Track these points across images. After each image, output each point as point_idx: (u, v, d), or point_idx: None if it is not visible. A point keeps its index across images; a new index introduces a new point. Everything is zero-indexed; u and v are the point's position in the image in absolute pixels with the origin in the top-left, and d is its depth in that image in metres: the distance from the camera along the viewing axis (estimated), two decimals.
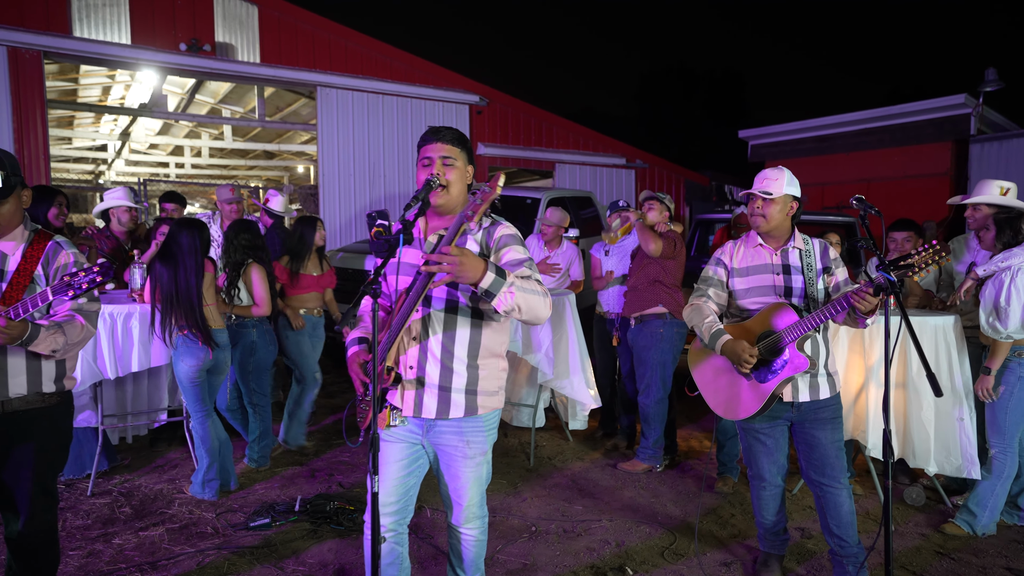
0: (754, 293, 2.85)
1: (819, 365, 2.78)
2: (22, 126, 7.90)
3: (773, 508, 3.00)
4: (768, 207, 2.80)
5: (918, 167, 10.50)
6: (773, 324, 2.73)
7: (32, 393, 2.21)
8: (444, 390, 2.17)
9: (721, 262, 2.96)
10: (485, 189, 1.96)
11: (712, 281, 2.95)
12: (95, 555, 3.16)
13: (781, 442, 2.93)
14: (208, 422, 3.84)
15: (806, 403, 2.79)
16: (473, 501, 2.29)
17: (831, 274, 2.82)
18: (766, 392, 2.74)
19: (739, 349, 2.73)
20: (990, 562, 3.18)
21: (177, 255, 3.70)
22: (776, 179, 2.82)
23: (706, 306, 2.91)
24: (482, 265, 1.93)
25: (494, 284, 1.93)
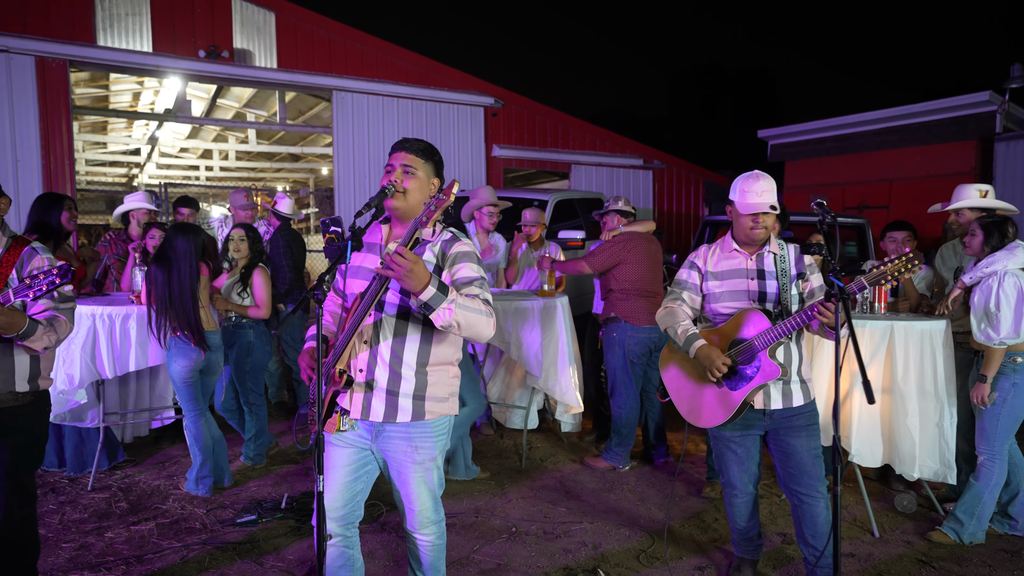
0: (727, 297, 2.82)
1: (792, 372, 2.75)
2: (48, 132, 8.19)
3: (745, 515, 2.98)
4: (768, 219, 2.78)
5: (942, 166, 10.22)
6: (745, 330, 2.70)
7: (6, 392, 2.32)
8: (392, 394, 2.19)
9: (695, 265, 2.94)
10: (440, 197, 1.99)
11: (686, 284, 2.94)
12: (86, 548, 3.28)
13: (753, 451, 2.90)
14: (201, 421, 3.95)
15: (779, 411, 2.76)
16: (425, 506, 2.29)
17: (805, 280, 2.79)
18: (736, 400, 2.71)
19: (713, 356, 2.71)
20: (972, 571, 3.11)
21: (172, 259, 3.81)
22: (773, 190, 2.80)
23: (680, 309, 2.89)
24: (427, 278, 1.97)
25: (434, 298, 1.98)
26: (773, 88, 37.50)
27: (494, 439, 5.10)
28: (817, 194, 8.63)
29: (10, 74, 7.87)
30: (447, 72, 11.25)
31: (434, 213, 1.96)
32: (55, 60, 8.15)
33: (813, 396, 2.83)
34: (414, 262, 1.93)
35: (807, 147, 11.98)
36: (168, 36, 9.06)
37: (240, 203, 5.68)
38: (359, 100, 10.37)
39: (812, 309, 2.49)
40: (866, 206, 10.85)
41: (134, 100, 13.38)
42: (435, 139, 11.09)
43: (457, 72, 11.39)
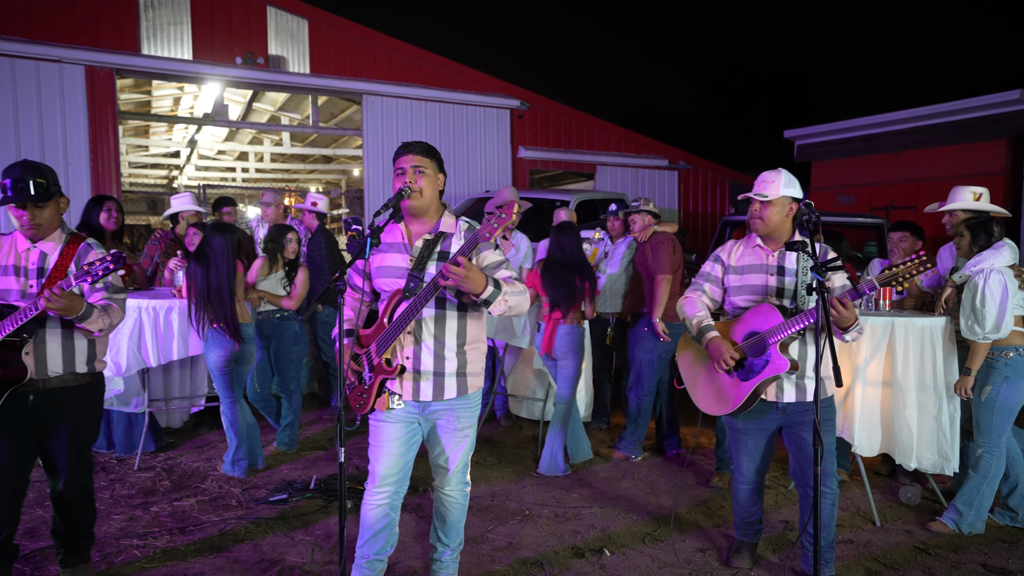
0: (746, 291, 2.92)
1: (807, 367, 2.80)
2: (97, 137, 8.65)
3: (749, 502, 3.10)
4: (765, 210, 2.83)
5: (971, 166, 10.11)
6: (758, 324, 2.78)
7: (67, 373, 2.60)
8: (439, 375, 2.48)
9: (719, 259, 3.04)
10: (502, 216, 2.22)
11: (708, 277, 3.05)
12: (134, 520, 3.58)
13: (762, 444, 2.98)
14: (236, 407, 4.23)
15: (791, 404, 2.83)
16: (459, 468, 2.63)
17: (827, 279, 2.79)
18: (746, 391, 2.80)
19: (723, 348, 2.83)
20: (967, 558, 3.22)
21: (210, 256, 4.10)
22: (773, 181, 2.84)
23: (699, 300, 3.01)
24: (484, 280, 2.27)
25: (492, 295, 2.30)
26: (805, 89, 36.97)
27: (512, 430, 5.30)
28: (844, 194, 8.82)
29: (62, 83, 8.34)
30: (474, 75, 11.49)
31: (496, 231, 2.20)
32: (103, 69, 8.60)
33: (830, 393, 2.86)
34: (470, 270, 2.21)
35: (833, 147, 11.94)
36: (207, 44, 9.47)
37: (266, 200, 6.01)
38: (388, 104, 10.68)
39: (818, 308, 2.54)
40: (893, 206, 10.78)
41: (174, 105, 13.91)
42: (462, 141, 11.34)
43: (484, 75, 11.63)
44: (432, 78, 11.07)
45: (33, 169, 2.49)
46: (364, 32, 10.65)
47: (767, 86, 35.77)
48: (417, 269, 2.43)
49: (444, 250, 2.47)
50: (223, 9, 9.53)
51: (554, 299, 4.31)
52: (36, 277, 2.53)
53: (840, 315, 2.54)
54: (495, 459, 4.62)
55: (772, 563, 3.19)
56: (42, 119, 8.29)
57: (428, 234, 2.50)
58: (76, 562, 2.81)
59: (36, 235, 2.56)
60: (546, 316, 4.38)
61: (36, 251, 2.57)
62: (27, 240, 2.57)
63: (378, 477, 2.55)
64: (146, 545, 3.28)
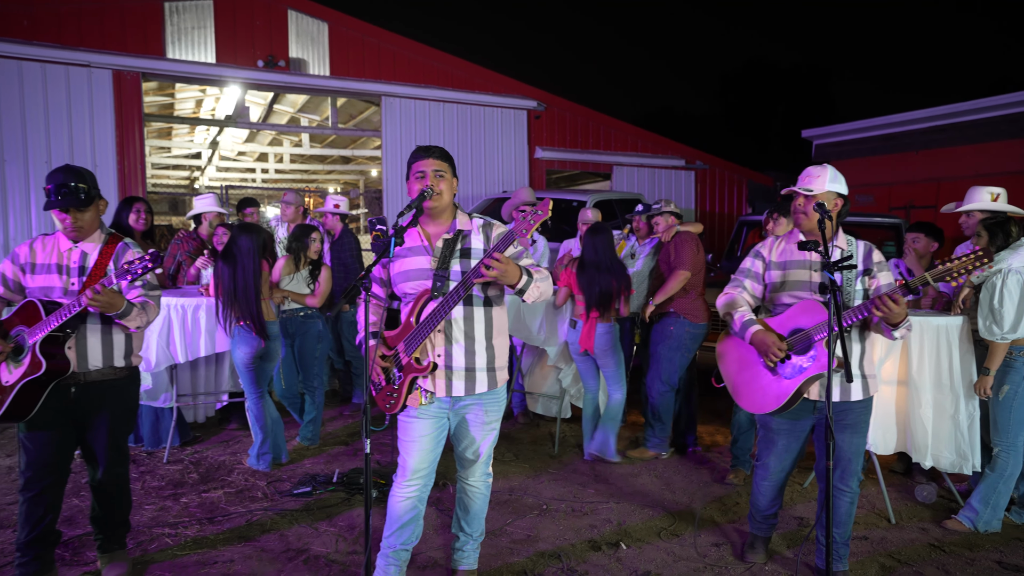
0: (789, 287, 2.85)
1: (851, 365, 2.73)
2: (123, 139, 8.85)
3: (769, 497, 3.10)
4: (810, 204, 2.77)
5: (993, 165, 10.02)
6: (803, 320, 2.73)
7: (106, 367, 2.72)
8: (470, 370, 2.57)
9: (760, 254, 2.99)
10: (538, 212, 2.33)
11: (749, 273, 2.99)
12: (165, 510, 3.71)
13: (794, 445, 2.94)
14: (262, 403, 4.35)
15: (834, 403, 2.73)
16: (485, 460, 2.74)
17: (872, 276, 2.77)
18: (790, 389, 2.73)
19: (768, 341, 2.75)
20: (982, 556, 3.24)
21: (237, 256, 4.22)
22: (819, 176, 2.79)
23: (740, 296, 2.96)
24: (519, 271, 2.42)
25: (526, 284, 2.45)
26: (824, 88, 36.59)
27: (529, 427, 5.38)
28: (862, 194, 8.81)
29: (91, 86, 8.55)
30: (491, 76, 11.58)
31: (532, 227, 2.31)
32: (130, 72, 8.80)
33: (872, 393, 2.83)
34: (508, 264, 2.36)
35: (852, 147, 11.88)
36: (230, 47, 9.64)
37: (287, 199, 6.15)
38: (407, 105, 10.79)
39: (871, 303, 2.54)
40: (913, 206, 10.71)
41: (196, 107, 14.15)
42: (479, 142, 11.44)
43: (501, 76, 11.71)
44: (450, 79, 11.17)
45: (75, 174, 2.61)
46: (383, 35, 10.78)
47: (785, 85, 35.48)
48: (442, 268, 2.51)
49: (465, 247, 2.55)
50: (245, 13, 9.70)
51: (590, 299, 4.37)
52: (77, 275, 2.65)
53: (891, 311, 2.50)
54: (513, 455, 4.70)
55: (787, 558, 3.23)
56: (71, 122, 8.50)
57: (447, 234, 2.59)
58: (113, 548, 2.93)
59: (78, 236, 2.68)
60: (583, 315, 4.44)
61: (77, 250, 2.69)
62: (69, 240, 2.69)
63: (408, 471, 2.63)
64: (177, 534, 3.40)
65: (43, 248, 2.69)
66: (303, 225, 4.95)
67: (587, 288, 4.40)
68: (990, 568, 3.13)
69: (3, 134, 8.18)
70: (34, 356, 2.49)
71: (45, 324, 2.50)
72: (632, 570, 3.11)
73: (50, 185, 2.59)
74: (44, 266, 2.66)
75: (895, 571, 3.12)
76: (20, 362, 2.53)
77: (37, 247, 2.69)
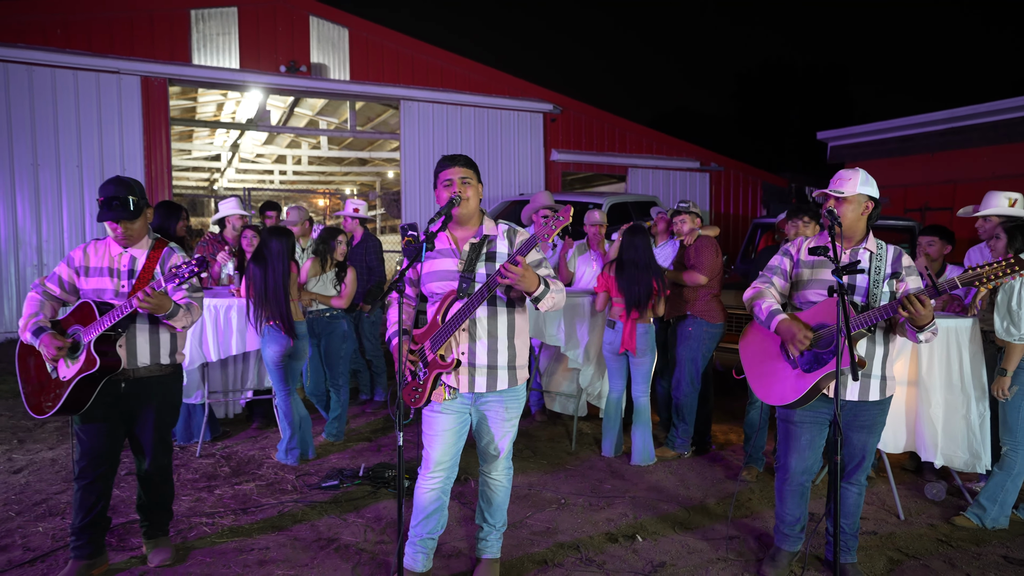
0: (815, 285, 2.88)
1: (873, 366, 2.80)
2: (150, 143, 9.11)
3: (792, 503, 3.04)
4: (841, 206, 2.82)
5: (1009, 167, 10.02)
6: (828, 318, 2.76)
7: (153, 363, 2.90)
8: (492, 368, 2.72)
9: (789, 252, 3.04)
10: (560, 218, 2.45)
11: (776, 270, 3.03)
12: (201, 500, 3.89)
13: (816, 441, 2.93)
14: (290, 399, 4.52)
15: (851, 402, 2.80)
16: (506, 455, 2.89)
17: (900, 279, 2.81)
18: (809, 382, 2.76)
19: (795, 328, 2.76)
20: (989, 551, 3.34)
21: (267, 258, 4.40)
22: (850, 179, 2.84)
23: (768, 291, 2.99)
24: (537, 279, 2.56)
25: (542, 293, 2.59)
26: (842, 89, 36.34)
27: (547, 424, 5.52)
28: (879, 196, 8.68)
29: (120, 92, 8.81)
30: (508, 80, 11.74)
31: (554, 231, 2.45)
32: (157, 79, 9.06)
33: (891, 394, 2.88)
34: (527, 269, 2.49)
35: (867, 148, 11.90)
36: (253, 53, 9.88)
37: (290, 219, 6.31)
38: (425, 109, 10.98)
39: (898, 302, 2.57)
40: (928, 207, 10.72)
41: (218, 110, 14.44)
42: (496, 144, 11.61)
43: (517, 80, 11.87)
44: (467, 83, 11.34)
45: (126, 187, 2.78)
46: (402, 39, 10.97)
47: (801, 86, 35.31)
48: (468, 271, 2.66)
49: (491, 251, 2.70)
50: (268, 19, 9.93)
51: (632, 299, 4.44)
52: (127, 278, 2.83)
53: (918, 313, 2.53)
54: (531, 452, 4.85)
55: (801, 552, 3.34)
56: (101, 127, 8.77)
57: (473, 238, 2.74)
58: (157, 534, 3.11)
59: (127, 243, 2.86)
60: (623, 316, 4.52)
61: (127, 255, 2.87)
62: (119, 246, 2.87)
63: (432, 463, 2.79)
64: (214, 523, 3.58)
65: (95, 252, 2.87)
66: (329, 228, 5.12)
67: (628, 288, 4.46)
68: (996, 562, 3.23)
69: (37, 139, 8.46)
70: (89, 353, 2.68)
71: (99, 324, 2.68)
72: (648, 561, 3.24)
73: (102, 197, 2.76)
74: (97, 269, 2.84)
75: (902, 564, 3.23)
76: (76, 359, 2.72)
77: (90, 251, 2.88)
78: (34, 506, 3.75)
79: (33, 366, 2.83)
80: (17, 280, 8.43)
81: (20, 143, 8.37)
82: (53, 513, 3.65)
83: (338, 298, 4.88)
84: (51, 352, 2.69)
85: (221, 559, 3.16)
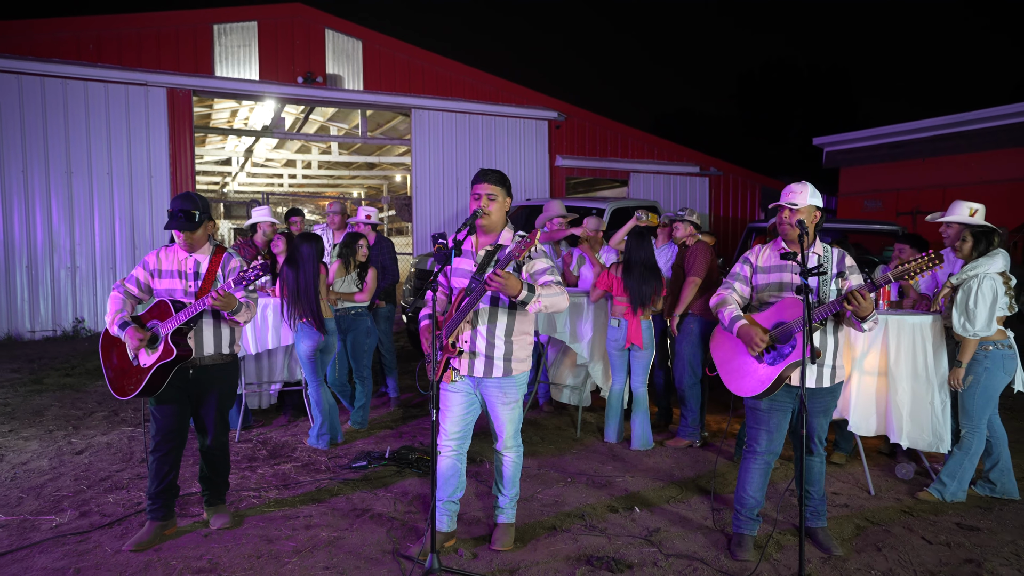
0: (773, 288, 3.30)
1: (827, 356, 3.21)
2: (176, 151, 9.60)
3: (755, 483, 3.36)
4: (795, 216, 3.21)
5: (996, 172, 10.45)
6: (785, 315, 3.15)
7: (216, 353, 3.37)
8: (489, 358, 3.16)
9: (748, 260, 3.44)
10: (528, 240, 2.86)
11: (738, 276, 3.44)
12: (245, 479, 4.35)
13: (781, 424, 3.36)
14: (321, 389, 4.99)
15: (808, 389, 3.18)
16: (509, 433, 3.30)
17: (845, 278, 3.21)
18: (774, 374, 3.14)
19: (752, 333, 3.19)
20: (945, 519, 3.78)
21: (299, 261, 4.86)
22: (800, 192, 3.23)
23: (730, 296, 3.39)
24: (519, 285, 2.94)
25: (527, 297, 2.98)
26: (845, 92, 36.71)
27: (553, 414, 5.98)
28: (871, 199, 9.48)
29: (147, 104, 9.30)
30: (515, 89, 12.21)
31: (523, 251, 2.86)
32: (182, 90, 9.55)
33: (839, 381, 3.30)
34: (507, 278, 2.89)
35: (861, 154, 12.34)
36: (272, 64, 10.37)
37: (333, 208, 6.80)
38: (435, 117, 11.45)
39: (843, 297, 3.02)
40: (919, 211, 11.15)
41: (231, 117, 14.94)
42: (503, 150, 12.08)
43: (523, 88, 12.34)
44: (476, 92, 11.81)
45: (192, 202, 3.25)
46: (413, 51, 11.45)
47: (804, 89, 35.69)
48: (478, 273, 3.12)
49: (500, 258, 3.15)
50: (286, 32, 10.42)
51: (638, 297, 4.90)
52: (193, 279, 3.30)
53: (860, 305, 2.96)
54: (539, 438, 5.30)
55: (773, 518, 3.79)
56: (130, 137, 9.26)
57: (489, 245, 3.19)
58: (217, 502, 3.58)
59: (191, 249, 3.33)
60: (628, 313, 4.97)
61: (192, 259, 3.34)
62: (185, 251, 3.34)
63: (445, 433, 3.26)
64: (260, 496, 4.04)
65: (166, 257, 3.34)
66: (352, 233, 5.59)
67: (636, 288, 4.91)
68: (949, 528, 3.68)
69: (70, 149, 8.95)
70: (167, 344, 3.14)
71: (175, 319, 3.15)
72: (644, 527, 3.69)
73: (172, 209, 3.24)
74: (168, 271, 3.31)
75: (867, 530, 3.67)
76: (155, 349, 3.18)
77: (162, 256, 3.35)
78: (100, 481, 4.22)
79: (115, 355, 3.30)
80: (52, 282, 8.92)
81: (55, 153, 8.86)
82: (118, 487, 4.12)
83: (361, 293, 5.35)
84: (134, 343, 3.15)
85: (272, 523, 3.62)
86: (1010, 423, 5.42)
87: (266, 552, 3.29)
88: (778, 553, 3.38)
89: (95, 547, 3.32)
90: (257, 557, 3.24)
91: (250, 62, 10.21)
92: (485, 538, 3.51)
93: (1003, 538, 3.57)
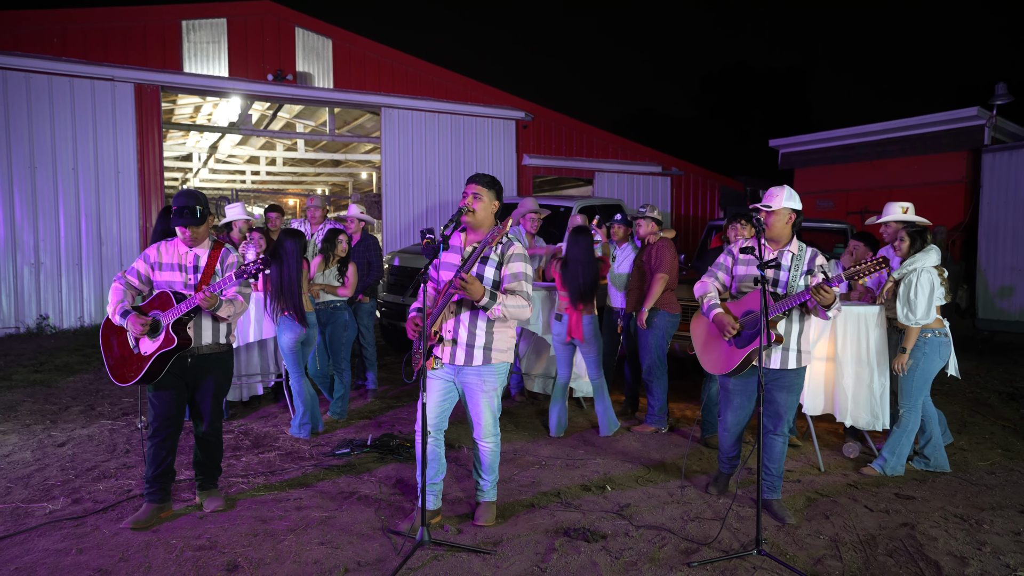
0: (748, 280, 3.69)
1: (791, 341, 3.59)
2: (143, 147, 9.54)
3: (729, 444, 3.99)
4: (770, 217, 3.59)
5: (936, 175, 11.11)
6: (755, 305, 3.50)
7: (213, 342, 3.53)
8: (469, 347, 3.38)
9: (731, 252, 3.81)
10: (497, 230, 3.14)
11: (720, 267, 3.84)
12: (231, 466, 4.49)
13: (746, 403, 3.80)
14: (302, 380, 5.15)
15: (774, 370, 3.61)
16: (488, 422, 3.50)
17: (814, 275, 3.58)
18: (741, 356, 3.57)
19: (725, 321, 3.61)
20: (885, 490, 4.17)
21: (283, 256, 5.01)
22: (777, 195, 3.59)
23: (711, 284, 3.83)
24: (482, 290, 3.18)
25: (487, 303, 3.21)
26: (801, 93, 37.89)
27: (526, 404, 6.24)
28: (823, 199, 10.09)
29: (114, 99, 9.24)
30: (483, 89, 12.43)
31: (491, 242, 3.13)
32: (150, 86, 9.50)
33: (805, 364, 3.67)
34: (471, 283, 3.12)
35: (815, 155, 12.94)
36: (241, 61, 10.37)
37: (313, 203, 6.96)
38: (404, 116, 11.60)
39: (809, 290, 3.37)
40: (867, 211, 11.77)
41: (194, 112, 14.79)
42: (472, 149, 12.29)
43: (492, 89, 12.58)
44: (445, 92, 12.00)
45: (195, 199, 3.41)
46: (383, 50, 11.57)
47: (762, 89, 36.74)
48: (462, 268, 3.35)
49: (484, 255, 3.38)
50: (256, 30, 10.43)
51: (576, 293, 5.11)
52: (193, 272, 3.45)
53: (825, 297, 3.35)
54: (513, 426, 5.55)
55: (735, 494, 4.12)
56: (96, 132, 9.18)
57: (476, 243, 3.42)
58: (209, 486, 3.73)
59: (193, 244, 3.48)
60: (568, 308, 5.21)
61: (192, 253, 3.49)
62: (186, 246, 3.49)
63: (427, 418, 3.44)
64: (248, 482, 4.19)
65: (167, 251, 3.49)
66: (333, 229, 5.75)
67: (570, 283, 5.15)
68: (888, 497, 4.06)
69: (34, 143, 8.84)
70: (168, 333, 3.29)
71: (176, 309, 3.30)
72: (616, 503, 3.98)
73: (176, 206, 3.38)
74: (168, 265, 3.45)
75: (816, 501, 4.03)
76: (156, 337, 3.33)
77: (163, 250, 3.49)
78: (87, 471, 4.32)
79: (116, 343, 3.43)
80: (15, 278, 8.80)
81: (18, 147, 8.74)
82: (107, 476, 4.23)
83: (343, 288, 5.52)
84: (137, 330, 3.29)
85: (264, 506, 3.79)
86: (947, 407, 5.91)
87: (261, 531, 3.47)
88: (738, 523, 3.70)
89: (93, 530, 3.45)
90: (254, 535, 3.41)
91: (219, 59, 10.21)
92: (468, 516, 3.74)
93: (934, 504, 3.97)
